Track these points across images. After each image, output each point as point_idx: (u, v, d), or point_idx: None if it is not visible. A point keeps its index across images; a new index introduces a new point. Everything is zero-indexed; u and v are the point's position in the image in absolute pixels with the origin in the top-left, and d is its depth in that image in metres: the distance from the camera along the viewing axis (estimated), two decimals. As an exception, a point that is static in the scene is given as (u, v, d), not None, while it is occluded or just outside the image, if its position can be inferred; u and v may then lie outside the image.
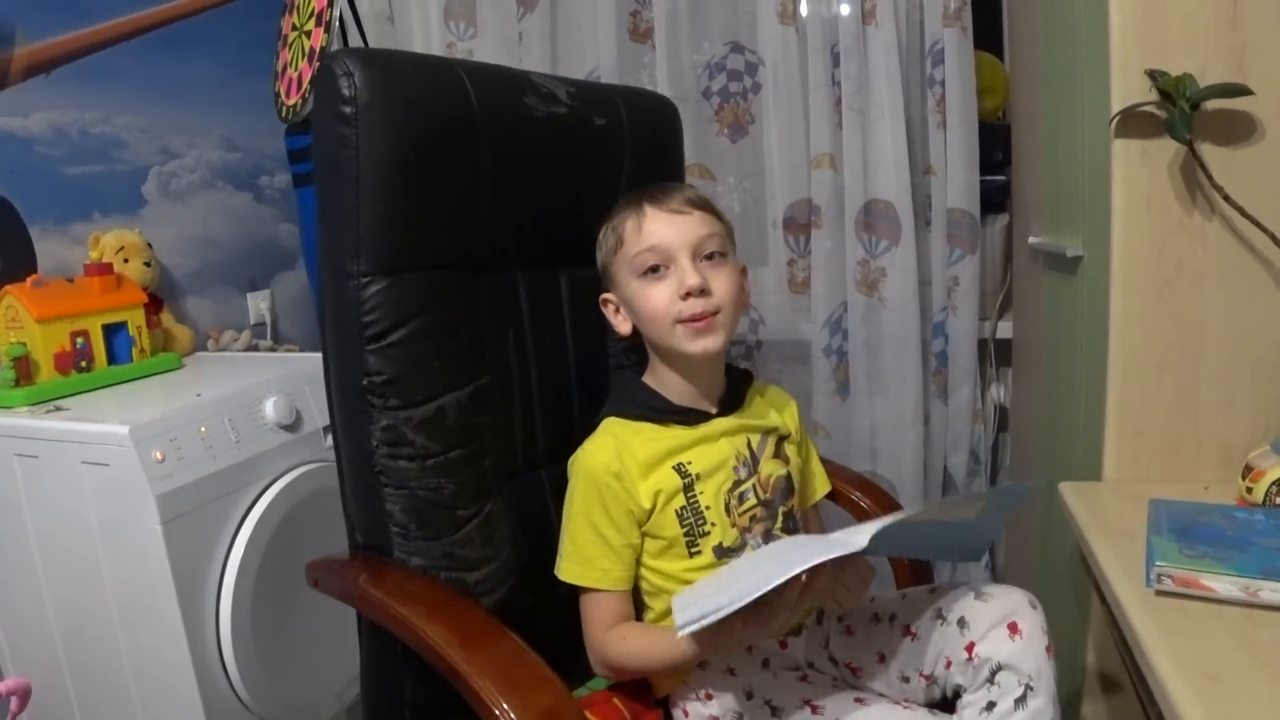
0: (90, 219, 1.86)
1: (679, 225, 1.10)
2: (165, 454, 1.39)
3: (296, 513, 1.59)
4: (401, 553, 1.10)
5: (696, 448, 1.12)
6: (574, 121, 1.28)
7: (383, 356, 1.07)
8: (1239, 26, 1.07)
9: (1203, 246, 1.11)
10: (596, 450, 1.11)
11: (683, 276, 1.07)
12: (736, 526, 1.11)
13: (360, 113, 1.04)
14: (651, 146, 1.41)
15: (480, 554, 1.13)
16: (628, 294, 1.13)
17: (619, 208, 1.16)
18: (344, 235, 1.06)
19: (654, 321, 1.10)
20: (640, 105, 1.42)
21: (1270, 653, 0.76)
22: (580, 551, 1.09)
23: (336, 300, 1.08)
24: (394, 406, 1.08)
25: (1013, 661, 0.93)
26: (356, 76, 1.04)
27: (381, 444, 1.08)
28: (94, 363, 1.66)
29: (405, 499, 1.09)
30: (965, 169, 1.88)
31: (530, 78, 1.26)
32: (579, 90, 1.31)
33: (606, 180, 1.34)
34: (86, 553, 1.44)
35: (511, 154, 1.19)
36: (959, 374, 1.98)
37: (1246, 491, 1.04)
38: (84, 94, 1.86)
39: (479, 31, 2.12)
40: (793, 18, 1.91)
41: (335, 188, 1.06)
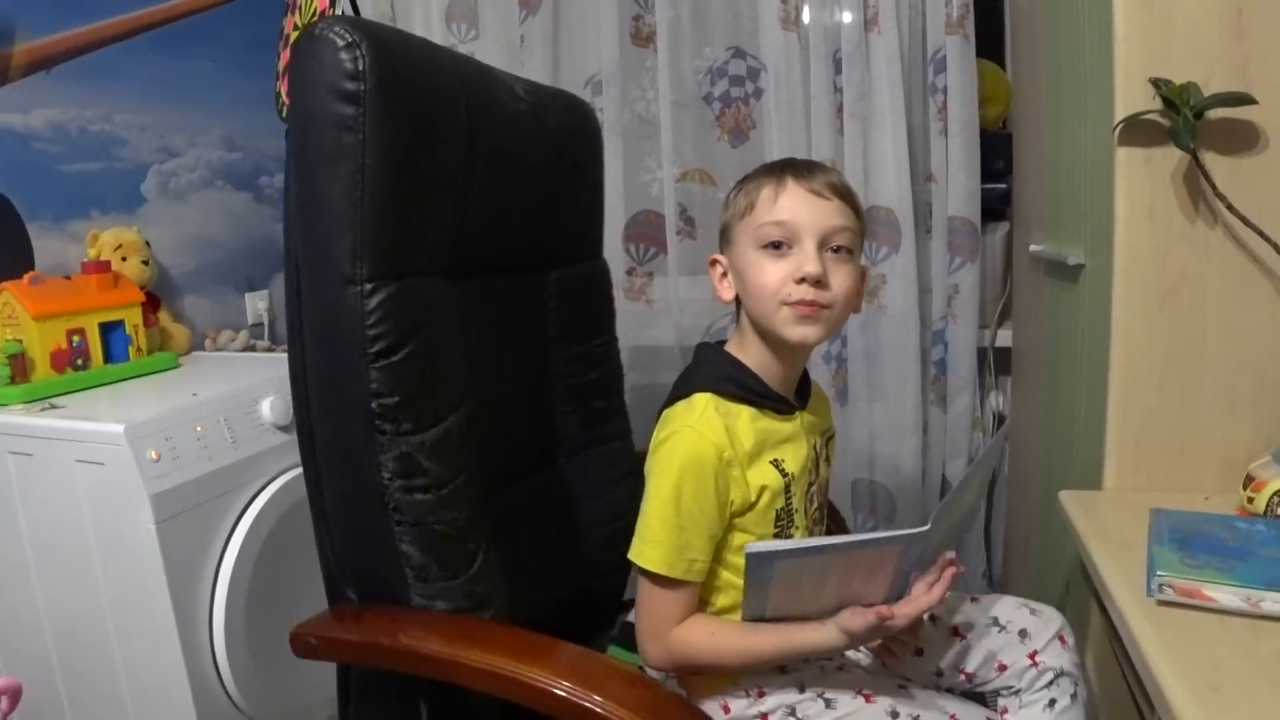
0: (89, 217, 1.86)
1: (815, 208, 1.02)
2: (160, 453, 1.38)
3: (292, 514, 1.57)
4: (422, 597, 0.97)
5: (788, 445, 1.08)
6: (531, 121, 1.22)
7: (392, 375, 0.94)
8: (1244, 37, 1.07)
9: (1205, 256, 1.11)
10: (708, 431, 1.01)
11: (803, 261, 1.00)
12: (807, 529, 1.11)
13: (369, 93, 0.91)
14: (586, 149, 1.36)
15: (489, 587, 1.03)
16: (742, 262, 1.06)
17: (759, 172, 1.08)
18: (341, 233, 0.93)
19: (761, 297, 1.03)
20: (570, 107, 1.36)
21: (1272, 663, 0.76)
22: (672, 539, 1.00)
23: (330, 310, 0.95)
24: (407, 431, 0.96)
25: (1068, 669, 1.08)
26: (364, 50, 0.91)
27: (395, 476, 0.95)
28: (90, 361, 1.65)
29: (422, 536, 0.97)
30: (966, 177, 1.88)
31: (493, 73, 1.19)
32: (529, 89, 1.24)
33: (557, 184, 1.29)
34: (80, 552, 1.43)
35: (493, 152, 1.12)
36: (958, 382, 1.97)
37: (1248, 502, 1.04)
38: (84, 91, 1.85)
39: (481, 34, 2.11)
40: (795, 24, 1.91)
41: (332, 177, 0.93)
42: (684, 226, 2.05)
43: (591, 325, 1.38)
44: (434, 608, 0.97)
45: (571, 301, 1.33)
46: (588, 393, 1.36)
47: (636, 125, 2.09)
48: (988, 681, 1.11)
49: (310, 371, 0.99)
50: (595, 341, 1.38)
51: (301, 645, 0.99)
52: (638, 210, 2.10)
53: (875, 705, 1.03)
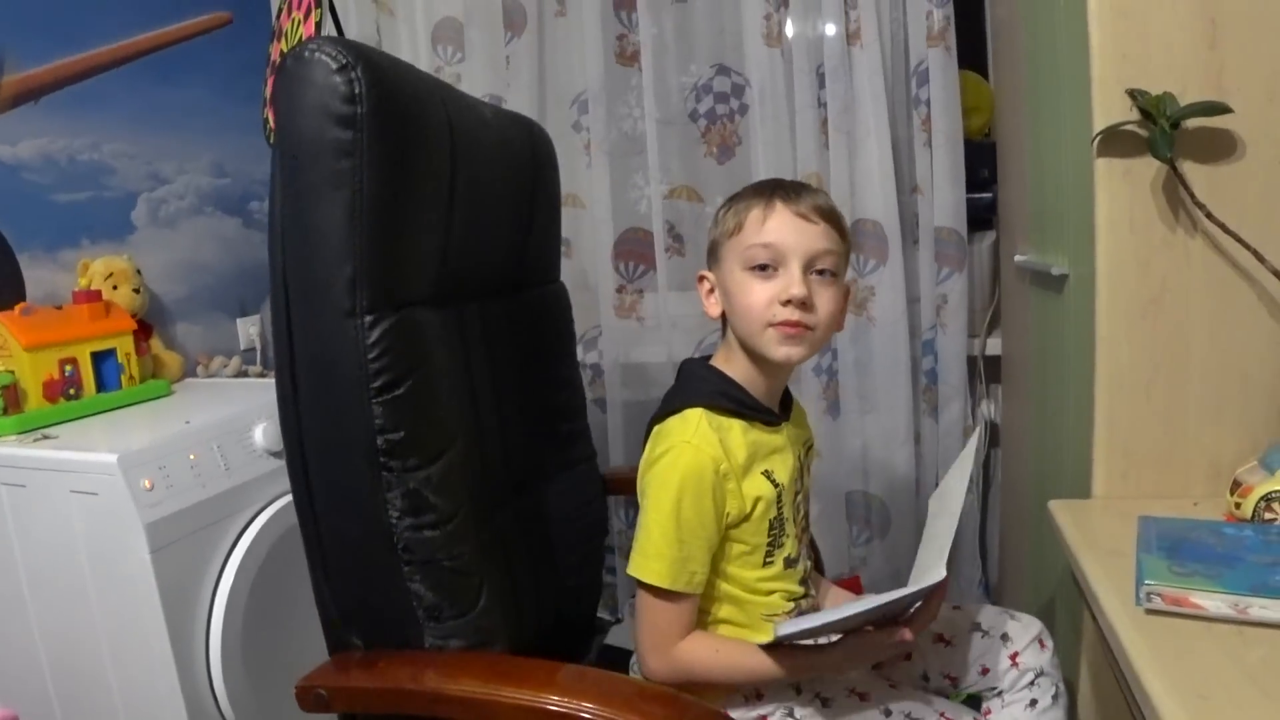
0: (79, 246, 1.86)
1: (802, 231, 1.05)
2: (154, 482, 1.39)
3: (287, 540, 1.57)
4: (435, 637, 0.95)
5: (777, 456, 1.11)
6: (501, 143, 1.22)
7: (396, 410, 0.91)
8: (1217, 46, 1.09)
9: (1187, 264, 1.12)
10: (704, 444, 1.04)
11: (789, 283, 1.03)
12: (797, 538, 1.14)
13: (366, 116, 0.89)
14: (548, 170, 1.36)
15: (499, 620, 1.02)
16: (729, 281, 1.08)
17: (747, 191, 1.10)
18: (340, 263, 0.90)
19: (747, 317, 1.06)
20: (523, 128, 1.34)
21: (1261, 670, 0.76)
22: (673, 552, 1.02)
23: (328, 343, 0.92)
24: (413, 467, 0.93)
25: (1048, 669, 1.13)
26: (359, 72, 0.89)
27: (404, 514, 0.93)
28: (82, 390, 1.65)
29: (432, 575, 0.94)
30: (951, 187, 1.89)
31: (467, 97, 1.19)
32: (494, 112, 1.25)
33: (521, 206, 1.29)
34: (75, 582, 1.43)
35: (471, 174, 1.10)
36: (949, 391, 1.98)
37: (1235, 507, 1.04)
38: (73, 121, 1.86)
39: (467, 55, 2.13)
40: (778, 40, 1.93)
41: (329, 204, 0.90)
42: (673, 243, 2.07)
43: (557, 348, 1.39)
44: (448, 647, 0.95)
45: (538, 325, 1.34)
46: (557, 416, 1.37)
47: (623, 143, 2.11)
48: (972, 684, 1.17)
49: (305, 408, 0.94)
50: (562, 365, 1.39)
51: (311, 699, 0.94)
52: (626, 228, 2.11)
53: (869, 704, 1.07)
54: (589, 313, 2.14)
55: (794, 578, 1.13)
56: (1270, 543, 0.94)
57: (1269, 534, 0.96)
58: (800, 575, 1.15)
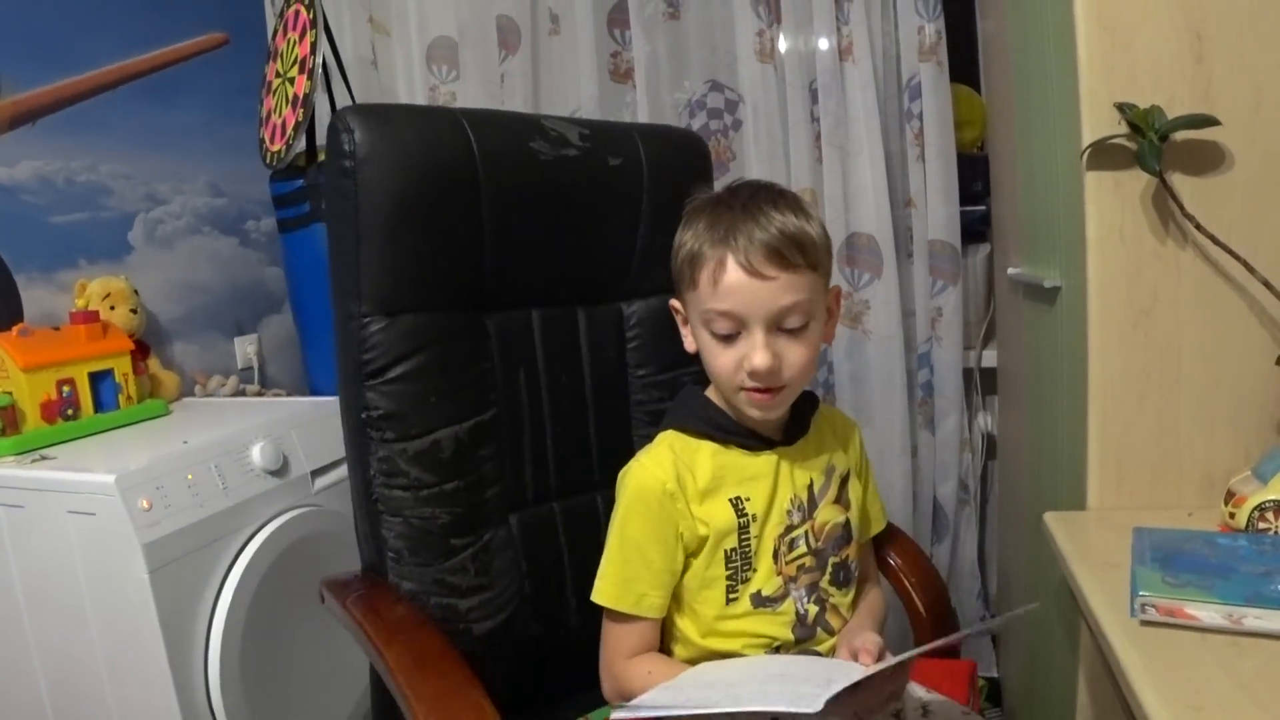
0: (76, 266, 1.87)
1: (758, 293, 0.95)
2: (152, 502, 1.39)
3: (284, 558, 1.58)
4: (395, 576, 1.16)
5: (756, 483, 1.03)
6: (587, 163, 1.31)
7: (380, 392, 1.14)
8: (1204, 59, 1.10)
9: (1177, 275, 1.12)
10: (652, 465, 1.03)
11: (751, 354, 0.95)
12: (782, 575, 1.04)
13: (357, 166, 1.11)
14: (674, 182, 1.37)
15: (474, 582, 1.18)
16: (697, 333, 1.03)
17: (704, 218, 1.00)
18: (346, 279, 1.14)
19: (716, 378, 1.03)
20: (661, 142, 1.43)
21: (1254, 680, 0.76)
22: (619, 572, 1.02)
23: (342, 340, 1.16)
24: (390, 439, 1.14)
25: None
26: (356, 133, 1.11)
27: (379, 474, 1.15)
28: (80, 411, 1.66)
29: (400, 526, 1.15)
30: (945, 201, 1.90)
31: (540, 122, 1.28)
32: (594, 132, 1.33)
33: (625, 218, 1.37)
34: (73, 602, 1.43)
35: (517, 198, 1.23)
36: (945, 404, 1.99)
37: (1229, 517, 1.04)
38: (70, 143, 1.87)
39: (461, 74, 2.14)
40: (770, 55, 1.94)
41: (338, 235, 1.14)
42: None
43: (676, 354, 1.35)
44: (402, 587, 1.15)
45: (652, 331, 1.40)
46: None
47: (618, 159, 2.11)
48: None
49: (340, 388, 1.19)
50: (682, 370, 1.40)
51: (320, 592, 1.21)
52: (622, 243, 2.12)
53: None
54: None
55: (776, 620, 1.03)
56: (1264, 552, 0.94)
57: (1263, 544, 0.96)
58: (789, 619, 1.04)
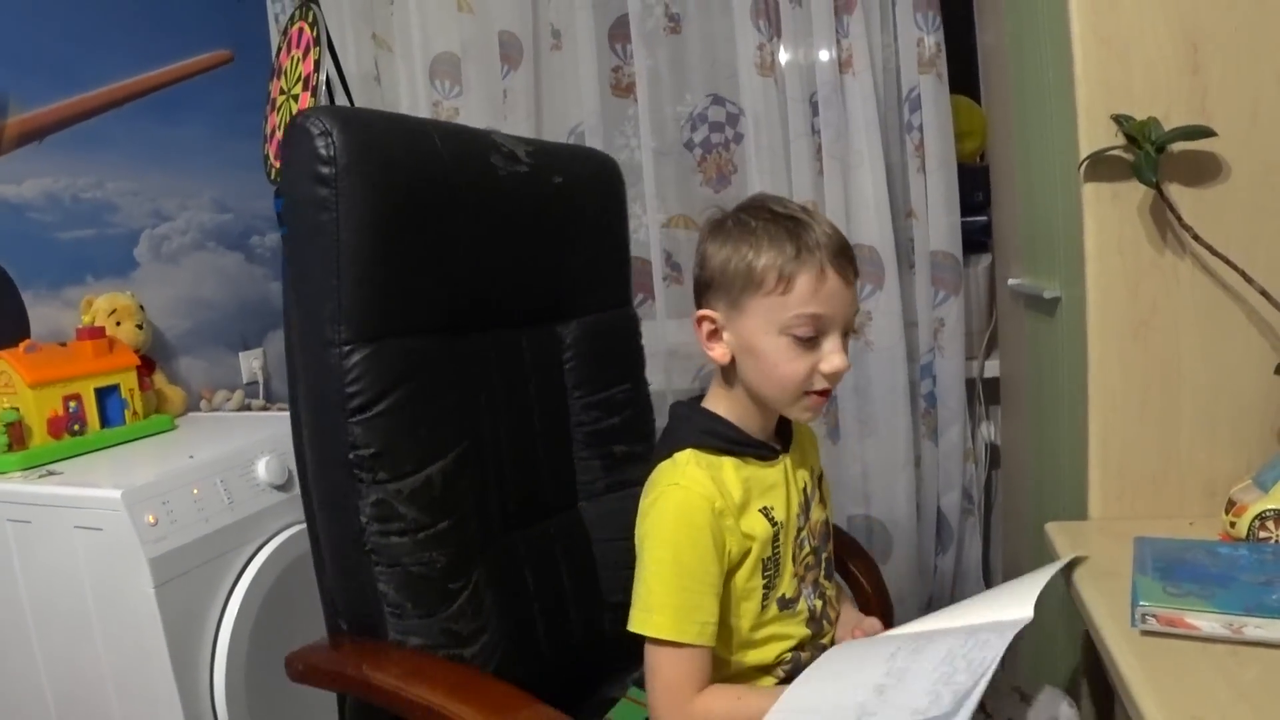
0: (83, 283, 1.89)
1: (846, 298, 0.98)
2: (158, 517, 1.40)
3: (290, 573, 1.58)
4: (397, 633, 1.04)
5: (775, 491, 1.04)
6: (533, 181, 1.25)
7: (369, 428, 1.02)
8: (1200, 70, 1.10)
9: (1176, 286, 1.13)
10: (693, 485, 0.98)
11: (832, 356, 0.97)
12: (796, 576, 1.05)
13: (339, 174, 1.00)
14: (602, 201, 1.39)
15: (473, 626, 1.08)
16: (760, 342, 0.98)
17: (777, 233, 0.98)
18: (323, 301, 1.02)
19: (780, 385, 0.99)
20: (587, 162, 1.39)
21: (1255, 690, 0.76)
22: (675, 601, 0.95)
23: (316, 370, 1.04)
24: (383, 480, 1.03)
25: None
26: (335, 136, 1.00)
27: (372, 520, 1.02)
28: (87, 426, 1.67)
29: (398, 576, 1.03)
30: (946, 211, 1.91)
31: (492, 137, 1.23)
32: (536, 149, 1.28)
33: (564, 237, 1.32)
34: (80, 618, 1.44)
35: (483, 215, 1.17)
36: (948, 414, 1.99)
37: (1230, 526, 1.04)
38: (76, 160, 1.89)
39: (464, 90, 2.15)
40: (771, 69, 1.95)
41: (313, 252, 1.02)
42: (670, 272, 2.08)
43: (612, 372, 1.39)
44: (407, 643, 1.04)
45: (590, 350, 1.36)
46: (608, 439, 1.37)
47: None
48: None
49: (305, 427, 1.07)
50: (617, 388, 1.39)
51: (293, 670, 1.09)
52: (625, 257, 2.13)
53: None
54: (589, 341, 2.15)
55: (794, 619, 1.05)
56: (1265, 561, 0.94)
57: (1263, 553, 0.97)
58: (804, 616, 1.06)
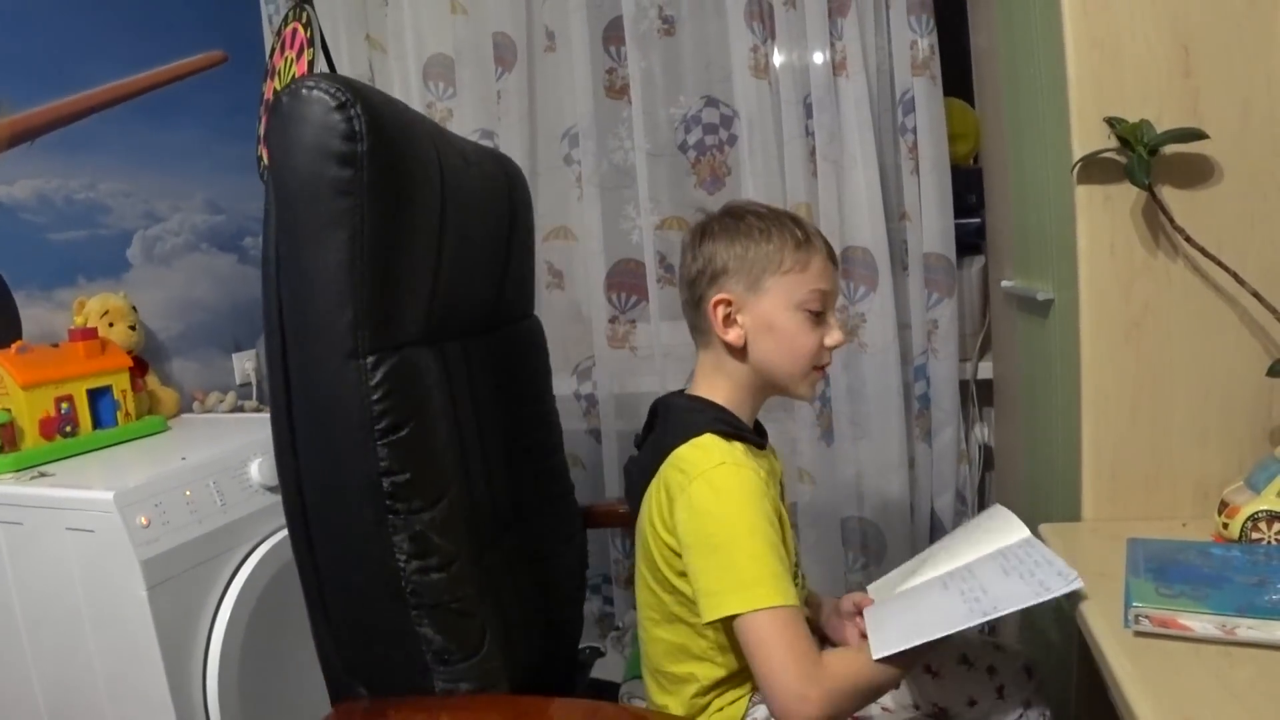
0: (75, 284, 1.88)
1: (836, 279, 1.13)
2: (150, 519, 1.39)
3: (283, 575, 1.57)
4: (445, 681, 0.92)
5: (773, 478, 1.12)
6: (481, 180, 1.20)
7: (400, 451, 0.89)
8: (1192, 73, 1.11)
9: (1168, 287, 1.13)
10: (741, 460, 1.02)
11: (835, 332, 1.09)
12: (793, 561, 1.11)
13: (366, 154, 0.86)
14: (523, 204, 1.36)
15: (501, 661, 0.99)
16: (779, 317, 1.07)
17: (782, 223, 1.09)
18: (341, 305, 0.88)
19: (796, 357, 1.08)
20: (503, 165, 1.34)
21: (1247, 691, 0.76)
22: (768, 569, 0.94)
23: (329, 384, 0.88)
24: (418, 509, 0.90)
25: (1034, 700, 1.15)
26: (359, 110, 0.85)
27: (411, 557, 0.89)
28: (79, 428, 1.66)
29: (440, 617, 0.91)
30: (939, 213, 1.91)
31: (448, 134, 1.15)
32: (471, 149, 1.21)
33: (501, 243, 1.28)
34: (71, 620, 1.43)
35: (458, 211, 1.08)
36: (942, 416, 1.99)
37: (1223, 527, 1.05)
38: (68, 161, 1.88)
39: (458, 91, 2.16)
40: (765, 71, 1.95)
41: (327, 245, 0.87)
42: (664, 274, 2.08)
43: (535, 383, 1.40)
44: (458, 690, 0.92)
45: (517, 361, 1.35)
46: (537, 452, 1.37)
47: (614, 175, 2.13)
48: (959, 715, 1.17)
49: (303, 451, 0.92)
50: (540, 400, 1.40)
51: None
52: (618, 259, 2.13)
53: None
54: (582, 344, 2.16)
55: None
56: (1257, 562, 0.94)
57: (1256, 554, 0.97)
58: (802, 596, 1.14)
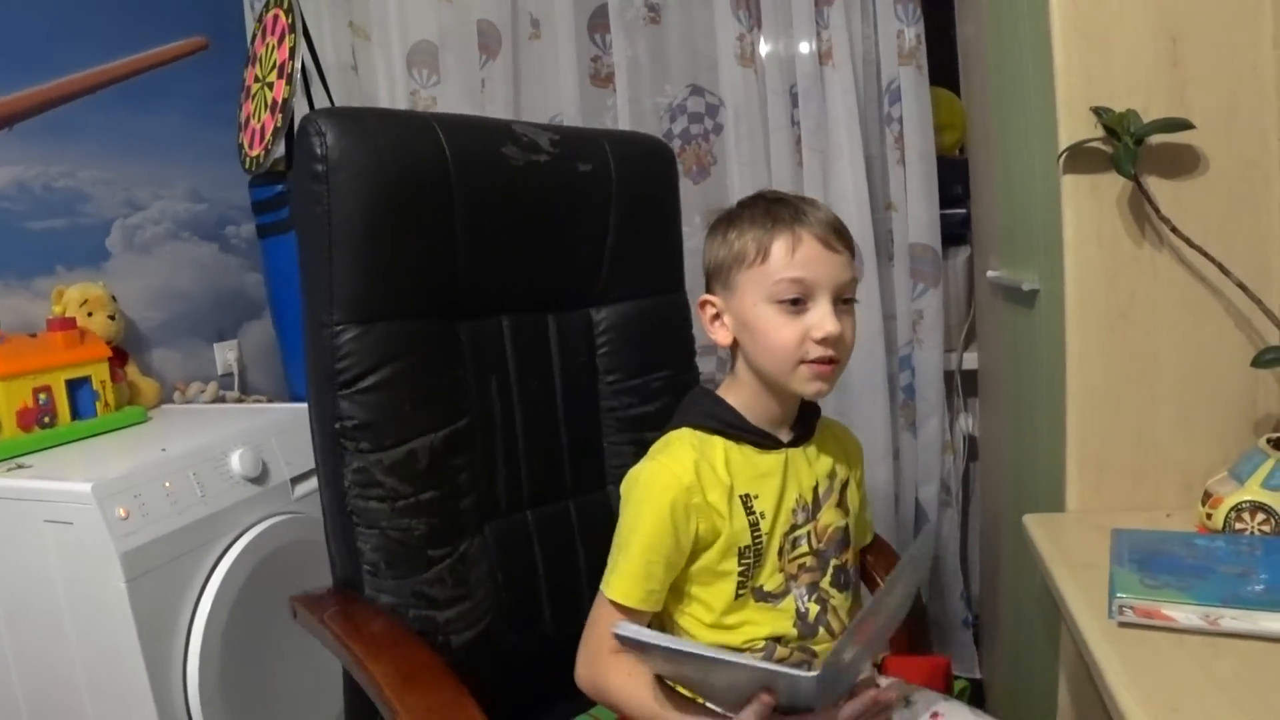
0: (54, 273, 1.85)
1: (830, 263, 1.01)
2: (129, 511, 1.37)
3: (264, 567, 1.57)
4: (372, 590, 1.13)
5: (766, 480, 1.06)
6: (556, 169, 1.29)
7: (354, 402, 1.11)
8: (1180, 64, 1.10)
9: (1154, 278, 1.13)
10: (671, 463, 1.03)
11: (822, 321, 0.99)
12: (784, 572, 1.06)
13: (330, 170, 1.08)
14: (642, 187, 1.40)
15: (452, 593, 1.15)
16: (750, 314, 1.03)
17: (759, 213, 1.05)
18: (318, 286, 1.11)
19: (774, 354, 1.02)
20: (629, 147, 1.41)
21: (1231, 681, 0.76)
22: (637, 569, 1.00)
23: (314, 348, 1.13)
24: (365, 449, 1.11)
25: None
26: (328, 135, 1.08)
27: (353, 485, 1.12)
28: (57, 419, 1.64)
29: (376, 539, 1.12)
30: (925, 204, 1.91)
31: (511, 127, 1.27)
32: (563, 137, 1.32)
33: (593, 225, 1.35)
34: (50, 612, 1.41)
35: (489, 204, 1.22)
36: (927, 407, 1.99)
37: (1206, 518, 1.05)
38: (47, 148, 1.86)
39: (442, 79, 2.14)
40: (751, 60, 1.94)
41: (309, 242, 1.11)
42: (650, 262, 2.07)
43: (648, 359, 1.41)
44: (379, 600, 1.13)
45: (625, 335, 1.39)
46: (640, 425, 1.38)
47: (600, 164, 2.11)
48: None
49: (310, 399, 1.16)
50: (653, 375, 1.40)
51: (291, 608, 1.18)
52: (604, 248, 2.11)
53: None
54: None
55: (778, 615, 1.05)
56: (1241, 553, 0.95)
57: (1239, 544, 0.97)
58: (791, 617, 1.05)
